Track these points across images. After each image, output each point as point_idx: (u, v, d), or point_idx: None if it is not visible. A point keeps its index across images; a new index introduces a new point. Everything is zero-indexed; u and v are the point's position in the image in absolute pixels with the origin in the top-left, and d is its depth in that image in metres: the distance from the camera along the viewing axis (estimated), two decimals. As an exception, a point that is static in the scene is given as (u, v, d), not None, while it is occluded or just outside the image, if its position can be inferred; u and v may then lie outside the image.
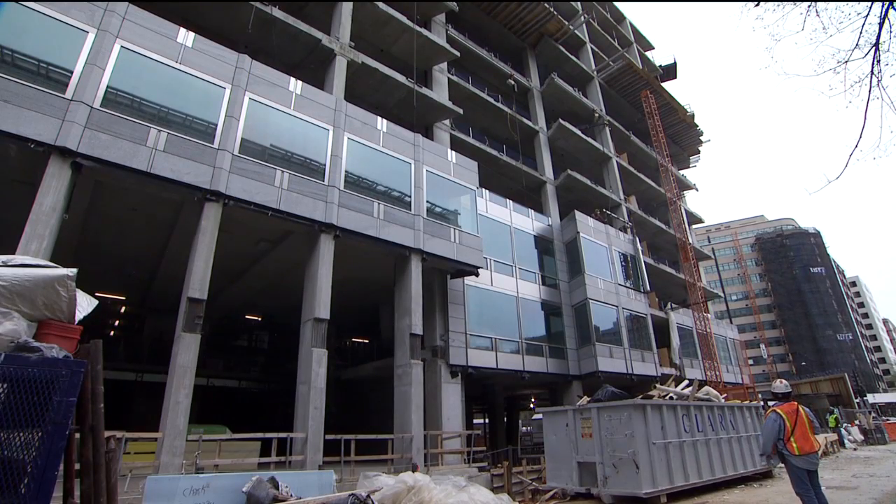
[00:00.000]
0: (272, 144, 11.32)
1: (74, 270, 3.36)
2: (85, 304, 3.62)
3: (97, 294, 17.59)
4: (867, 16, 5.90)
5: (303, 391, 10.57)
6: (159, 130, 9.62)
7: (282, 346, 24.24)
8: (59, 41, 9.05)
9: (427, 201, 14.26)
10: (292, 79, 12.29)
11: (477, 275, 15.51)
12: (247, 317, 23.10)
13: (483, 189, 19.21)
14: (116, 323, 22.05)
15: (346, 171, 12.39)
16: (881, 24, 5.83)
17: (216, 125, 10.45)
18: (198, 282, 9.44)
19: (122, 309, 21.03)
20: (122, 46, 9.63)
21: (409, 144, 14.47)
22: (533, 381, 18.83)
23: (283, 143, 11.54)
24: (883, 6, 5.81)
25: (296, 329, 11.72)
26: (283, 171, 11.10)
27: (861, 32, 6.01)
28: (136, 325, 21.59)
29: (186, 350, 9.01)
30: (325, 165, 12.01)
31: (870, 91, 5.96)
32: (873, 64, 6.01)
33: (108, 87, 9.26)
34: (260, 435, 9.92)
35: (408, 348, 12.73)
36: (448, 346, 15.16)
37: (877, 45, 5.93)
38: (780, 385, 6.73)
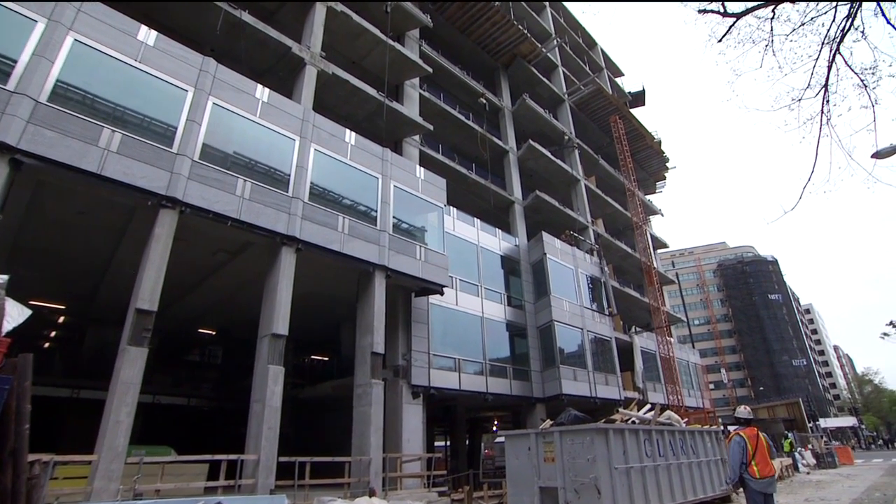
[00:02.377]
0: (235, 152, 11.07)
1: (5, 277, 3.14)
2: (15, 314, 3.39)
3: (32, 302, 16.59)
4: (817, 59, 6.34)
5: (257, 410, 10.19)
6: (113, 130, 9.24)
7: (236, 363, 23.40)
8: (4, 29, 8.63)
9: (393, 217, 14.22)
10: (259, 86, 12.12)
11: (442, 293, 15.51)
12: (200, 330, 22.22)
13: (451, 207, 19.34)
14: (53, 334, 20.77)
15: (311, 183, 12.23)
16: (829, 68, 6.27)
17: (176, 128, 10.15)
18: (148, 292, 9.03)
19: (61, 319, 19.85)
20: (75, 39, 9.27)
21: (377, 159, 14.46)
22: (496, 403, 18.80)
23: (247, 152, 11.30)
24: (830, 51, 6.25)
25: (252, 344, 11.35)
26: (245, 180, 10.84)
27: (812, 74, 6.49)
28: (75, 337, 20.38)
29: (131, 365, 8.56)
30: (289, 176, 11.82)
31: (820, 129, 6.38)
32: (823, 104, 6.45)
33: (57, 81, 8.86)
34: (208, 457, 9.45)
35: (368, 367, 12.51)
36: (410, 366, 15.00)
37: (826, 86, 6.38)
38: (744, 411, 6.95)
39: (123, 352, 8.62)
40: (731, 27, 6.64)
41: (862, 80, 6.35)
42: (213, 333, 22.78)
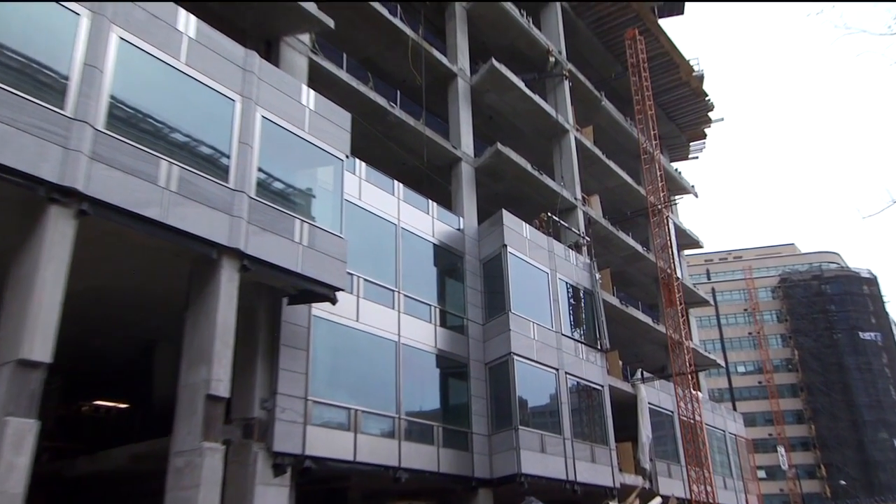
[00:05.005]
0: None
1: None
2: None
3: None
4: None
5: (-22, 499, 9.70)
6: None
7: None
8: None
9: (259, 170, 14.02)
10: None
11: (334, 301, 15.38)
12: None
13: (357, 160, 19.31)
14: None
15: (110, 98, 11.72)
16: None
17: None
18: None
19: None
20: None
21: (235, 68, 14.14)
22: (415, 484, 18.92)
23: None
24: None
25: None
26: (-22, 83, 10.26)
27: None
28: None
29: None
30: (68, 82, 11.26)
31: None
32: None
33: None
34: None
35: (199, 421, 12.18)
36: (273, 421, 14.88)
37: None
38: None
39: None
40: None
41: None
42: None
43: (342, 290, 15.42)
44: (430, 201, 21.81)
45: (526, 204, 27.03)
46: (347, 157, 16.62)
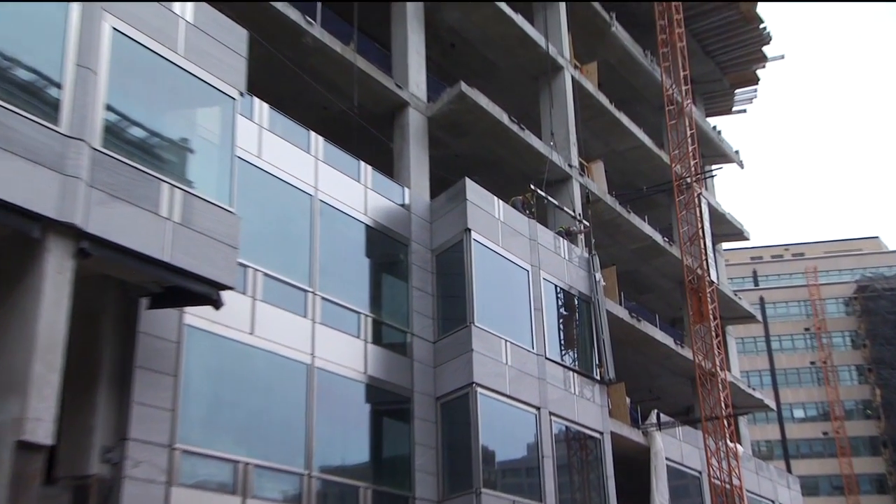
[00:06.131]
0: None
1: None
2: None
3: None
4: None
5: None
6: None
7: None
8: None
9: (108, 108, 13.76)
10: None
11: (218, 305, 15.22)
12: None
13: (256, 100, 19.16)
14: None
15: None
16: None
17: None
18: None
19: None
20: None
21: (67, -46, 13.79)
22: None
23: None
24: None
25: None
26: None
27: None
28: None
29: None
30: None
31: None
32: None
33: None
34: None
35: (5, 480, 11.86)
36: (121, 479, 14.59)
37: None
38: None
39: None
40: None
41: None
42: None
43: (231, 288, 15.22)
44: (362, 163, 21.70)
45: (500, 171, 27.09)
46: (242, 94, 16.44)
